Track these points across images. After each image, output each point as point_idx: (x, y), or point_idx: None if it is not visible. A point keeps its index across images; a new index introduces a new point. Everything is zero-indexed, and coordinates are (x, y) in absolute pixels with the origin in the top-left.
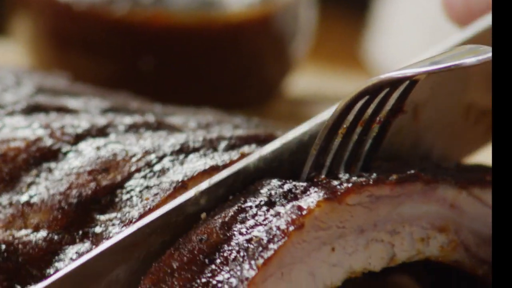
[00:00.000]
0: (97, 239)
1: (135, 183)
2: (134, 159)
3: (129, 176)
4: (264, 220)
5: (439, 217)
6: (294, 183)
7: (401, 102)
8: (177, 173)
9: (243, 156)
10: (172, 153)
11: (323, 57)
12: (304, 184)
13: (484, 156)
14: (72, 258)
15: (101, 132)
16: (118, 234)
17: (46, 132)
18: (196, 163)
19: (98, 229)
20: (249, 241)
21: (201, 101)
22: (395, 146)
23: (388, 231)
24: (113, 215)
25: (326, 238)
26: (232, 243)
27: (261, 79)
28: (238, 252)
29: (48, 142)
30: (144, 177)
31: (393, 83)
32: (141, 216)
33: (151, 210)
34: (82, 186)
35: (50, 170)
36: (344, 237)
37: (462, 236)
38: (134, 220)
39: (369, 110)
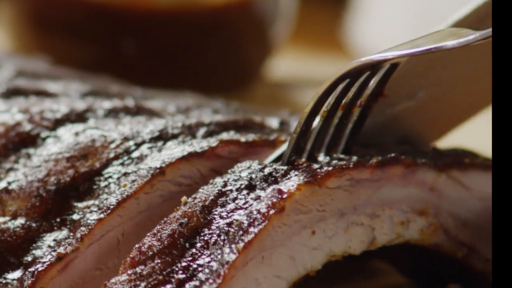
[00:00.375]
0: (74, 227)
1: (113, 170)
2: (112, 146)
3: (108, 163)
4: (244, 203)
5: (419, 201)
6: (274, 166)
7: (382, 86)
8: (155, 159)
9: (221, 142)
10: (150, 140)
11: (304, 40)
12: (285, 167)
13: (460, 140)
14: (50, 246)
15: (80, 117)
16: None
17: (25, 117)
18: (174, 150)
19: (76, 217)
20: (229, 224)
21: (182, 85)
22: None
23: (368, 215)
24: (91, 202)
25: (306, 222)
26: (213, 227)
27: (242, 62)
28: (218, 235)
29: (27, 127)
30: (122, 164)
31: (374, 67)
32: (119, 203)
33: (128, 197)
34: (60, 173)
35: (28, 156)
36: (324, 220)
37: (441, 219)
38: (111, 207)
39: (350, 94)
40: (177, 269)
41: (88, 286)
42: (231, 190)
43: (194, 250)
